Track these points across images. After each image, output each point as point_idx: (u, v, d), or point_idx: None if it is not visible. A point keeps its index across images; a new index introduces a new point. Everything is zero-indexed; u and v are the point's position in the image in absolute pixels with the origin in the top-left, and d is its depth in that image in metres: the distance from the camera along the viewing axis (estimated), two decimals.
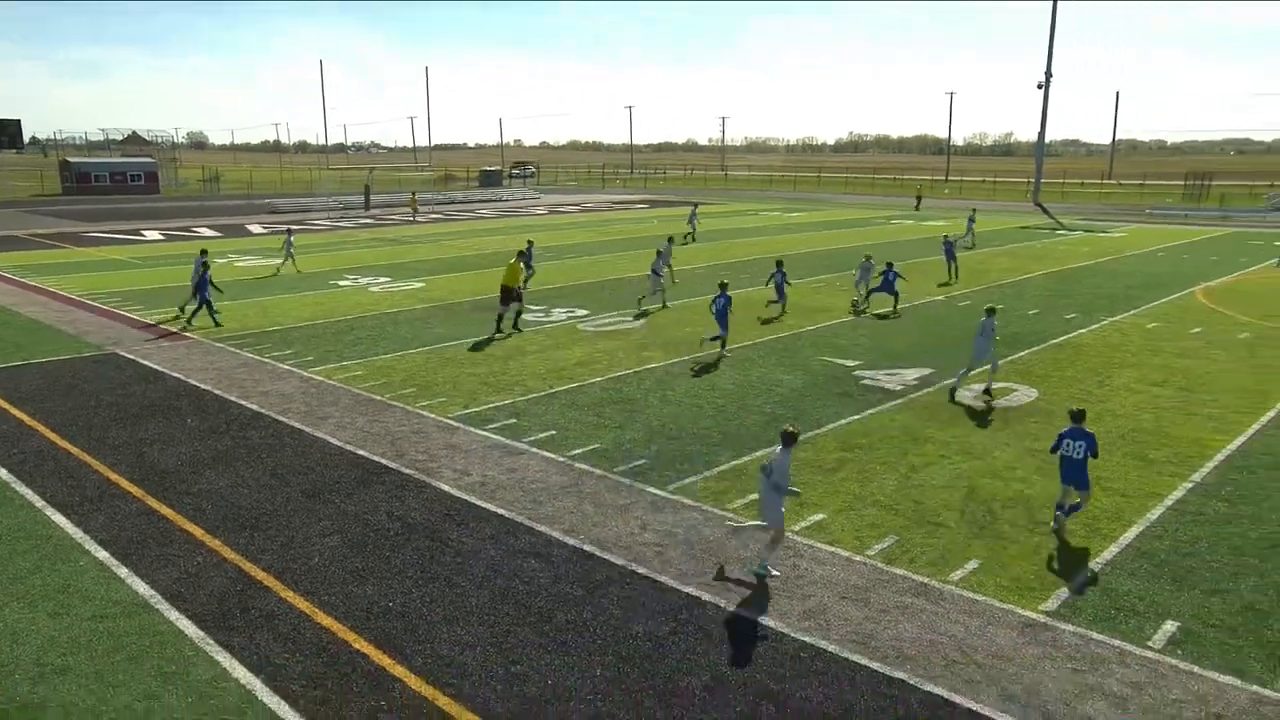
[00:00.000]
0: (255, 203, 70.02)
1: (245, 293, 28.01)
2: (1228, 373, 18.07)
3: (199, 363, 18.96)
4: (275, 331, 22.12)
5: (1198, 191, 77.37)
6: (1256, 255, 37.86)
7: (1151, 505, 11.48)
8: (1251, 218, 57.85)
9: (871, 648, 8.29)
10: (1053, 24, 68.56)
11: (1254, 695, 7.59)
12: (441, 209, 66.77)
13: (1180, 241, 43.85)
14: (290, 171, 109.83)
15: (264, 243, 43.10)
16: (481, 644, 8.35)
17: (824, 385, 17.06)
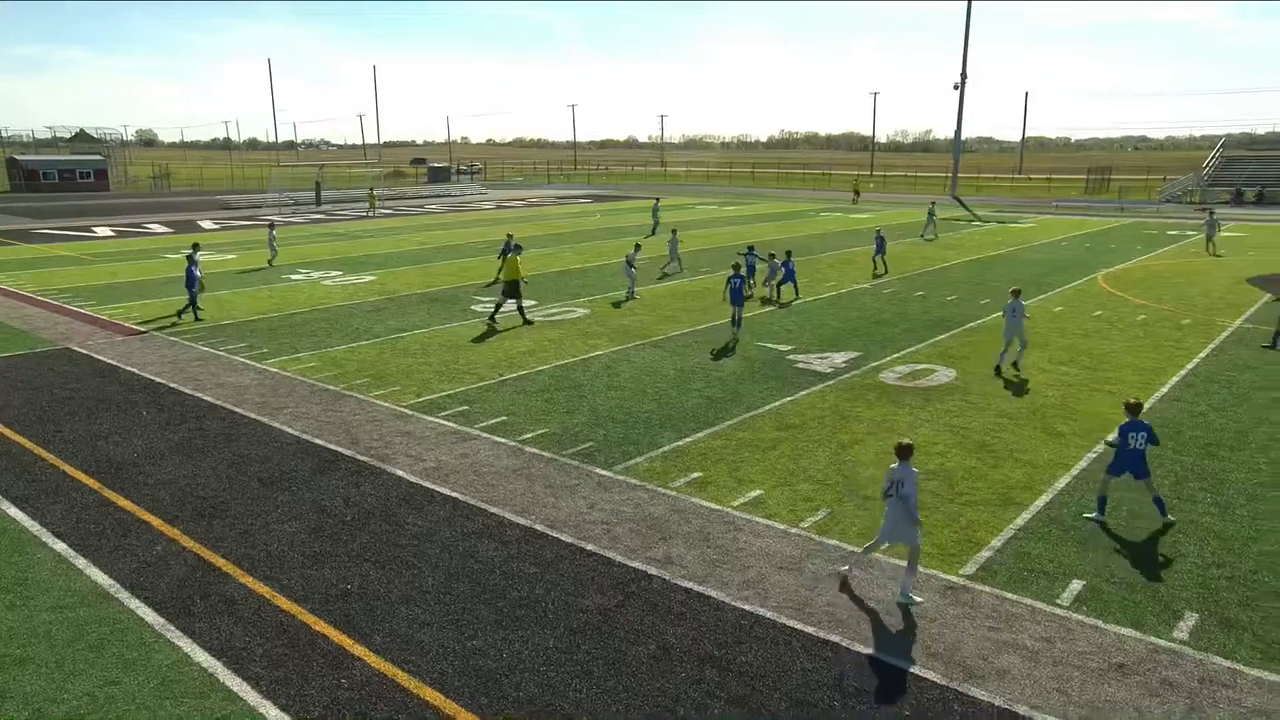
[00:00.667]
0: (207, 199, 68.00)
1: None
2: (1126, 351, 18.72)
3: (153, 357, 18.40)
4: (229, 325, 21.56)
5: (1098, 185, 79.77)
6: (1151, 244, 39.22)
7: (1059, 475, 11.86)
8: (1146, 209, 59.89)
9: (806, 613, 8.44)
10: (967, 28, 69.89)
11: (1150, 645, 7.92)
12: (392, 204, 65.64)
13: (1083, 231, 45.20)
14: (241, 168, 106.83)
15: (216, 238, 41.92)
16: (438, 622, 8.30)
17: (760, 370, 17.24)
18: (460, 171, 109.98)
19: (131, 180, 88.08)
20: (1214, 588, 8.91)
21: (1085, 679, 7.43)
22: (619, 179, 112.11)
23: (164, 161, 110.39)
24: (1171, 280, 28.52)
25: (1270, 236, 41.89)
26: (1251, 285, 27.51)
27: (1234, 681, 7.40)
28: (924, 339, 19.94)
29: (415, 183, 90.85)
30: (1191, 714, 6.99)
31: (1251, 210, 58.61)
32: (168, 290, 26.65)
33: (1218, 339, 19.89)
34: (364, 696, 7.21)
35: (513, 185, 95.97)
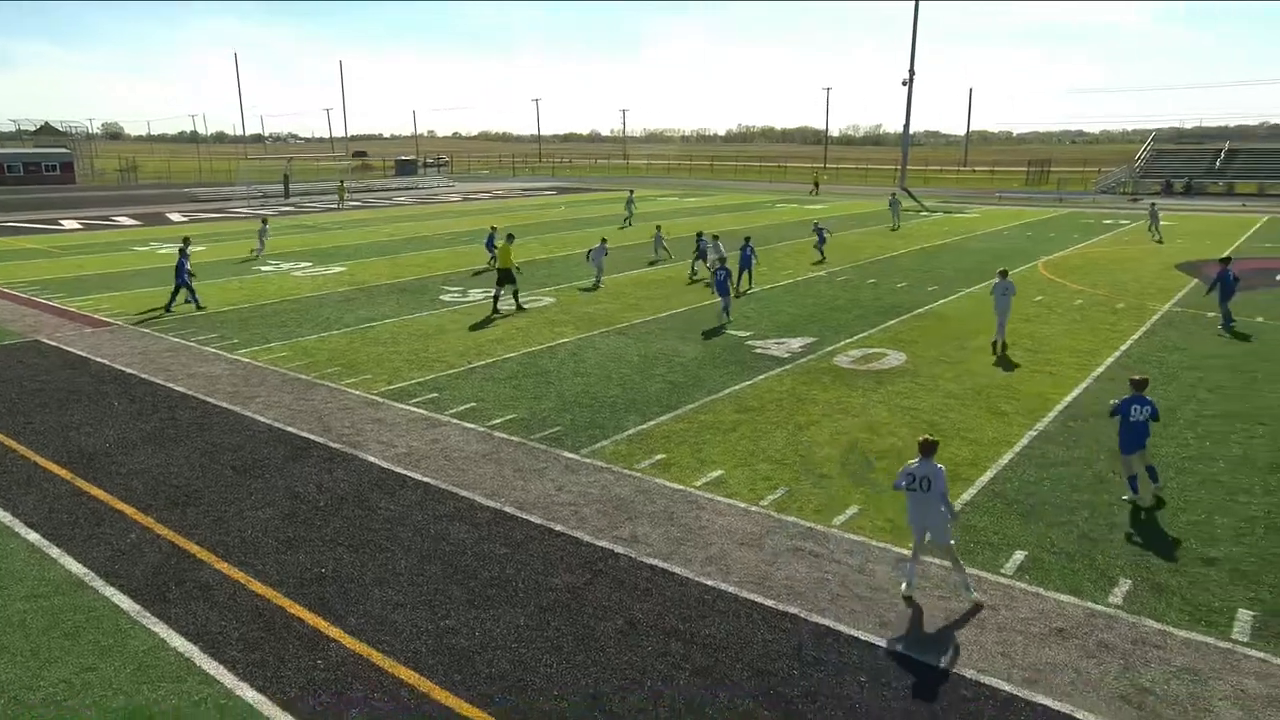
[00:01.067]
0: (174, 192, 66.39)
1: (168, 279, 26.58)
2: (1064, 335, 19.11)
3: (123, 348, 17.97)
4: (199, 316, 21.12)
5: (1038, 177, 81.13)
6: (1088, 232, 40.01)
7: (1003, 452, 12.10)
8: (1083, 200, 61.06)
9: (766, 587, 8.53)
10: (915, 26, 70.49)
11: (1088, 610, 8.14)
12: (360, 196, 64.66)
13: (1024, 221, 45.96)
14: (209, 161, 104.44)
15: (185, 231, 40.96)
16: (411, 603, 8.25)
17: (720, 355, 17.32)
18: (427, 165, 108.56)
19: (98, 173, 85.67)
20: (1146, 555, 9.17)
21: (1027, 643, 7.62)
22: (582, 172, 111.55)
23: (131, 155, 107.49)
24: (1106, 267, 29.14)
25: (1197, 225, 42.97)
26: (1180, 271, 28.22)
27: (1164, 642, 7.63)
28: (876, 324, 20.17)
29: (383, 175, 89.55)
30: (1125, 674, 7.20)
31: (1180, 200, 60.04)
32: (136, 282, 26.03)
33: (1149, 322, 20.39)
34: (340, 677, 7.15)
35: (479, 178, 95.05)
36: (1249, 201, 58.05)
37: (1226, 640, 7.65)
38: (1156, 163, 73.24)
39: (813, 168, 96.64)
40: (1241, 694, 6.94)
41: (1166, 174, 68.83)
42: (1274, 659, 7.38)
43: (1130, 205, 55.85)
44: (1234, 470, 11.42)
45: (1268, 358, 17.08)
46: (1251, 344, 18.23)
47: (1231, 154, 71.68)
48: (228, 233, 39.83)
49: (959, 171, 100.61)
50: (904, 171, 76.17)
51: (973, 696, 6.93)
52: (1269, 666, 7.29)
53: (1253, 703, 6.84)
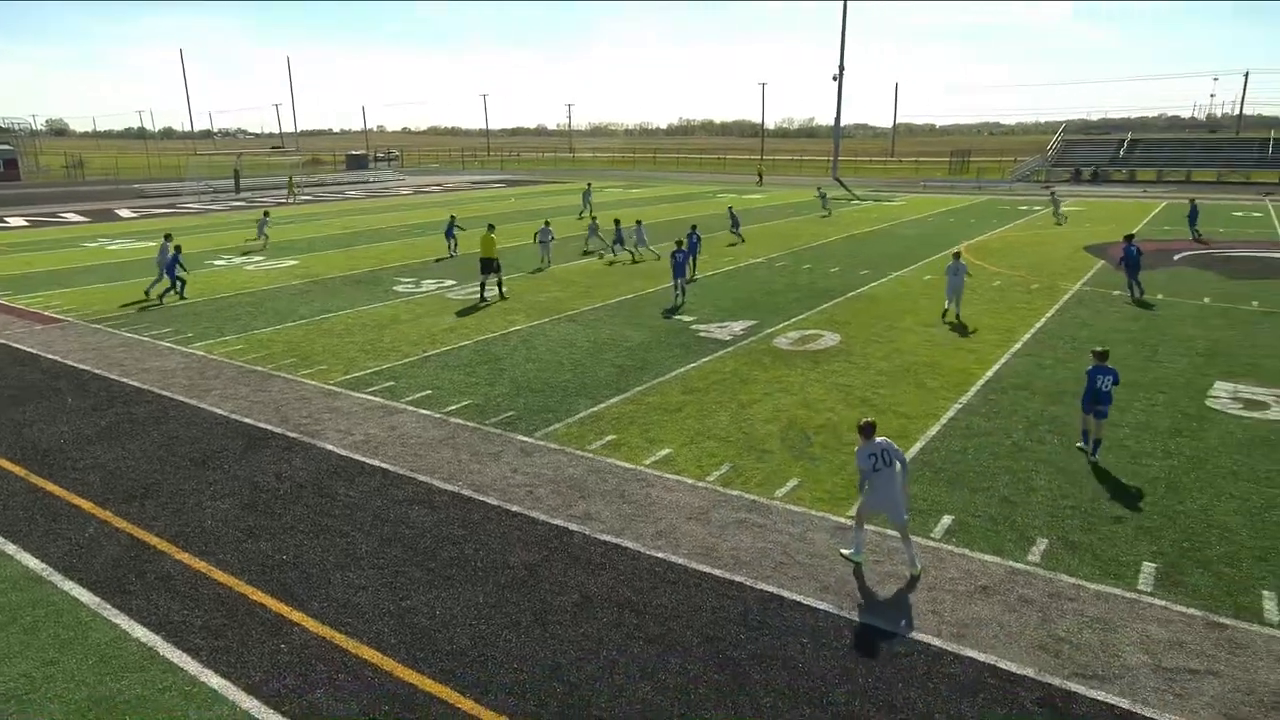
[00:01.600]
0: (123, 188, 63.84)
1: (120, 274, 25.63)
2: (985, 314, 19.61)
3: (75, 344, 17.28)
4: (152, 311, 20.40)
5: (960, 167, 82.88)
6: (1005, 218, 41.04)
7: (930, 424, 12.40)
8: (1000, 188, 62.61)
9: (714, 558, 8.63)
10: (844, 24, 71.27)
11: (1009, 568, 8.41)
12: (311, 191, 63.00)
13: (947, 208, 46.94)
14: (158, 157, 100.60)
15: (135, 227, 39.48)
16: (373, 585, 8.14)
17: (666, 339, 17.36)
18: (378, 159, 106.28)
19: (43, 170, 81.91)
20: (1061, 516, 9.50)
21: (955, 601, 7.84)
22: (531, 165, 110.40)
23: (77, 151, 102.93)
24: (1022, 250, 29.95)
25: (1104, 210, 44.41)
26: (1088, 253, 29.17)
27: (1078, 595, 7.93)
28: (812, 307, 20.44)
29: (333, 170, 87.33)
30: (1043, 625, 7.47)
31: (1088, 188, 61.97)
32: (86, 279, 25.01)
33: (1061, 300, 21.04)
34: (304, 659, 7.03)
35: (429, 171, 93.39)
36: (1149, 188, 60.20)
37: (1133, 591, 7.98)
38: (1066, 152, 75.42)
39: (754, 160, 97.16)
40: (1147, 639, 7.26)
41: (1076, 163, 70.95)
42: (1174, 606, 7.73)
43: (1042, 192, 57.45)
44: (1137, 436, 11.89)
45: (1166, 332, 17.79)
46: (1152, 319, 18.95)
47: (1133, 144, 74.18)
48: (179, 228, 38.47)
49: (886, 162, 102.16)
50: (836, 162, 77.08)
51: (906, 652, 7.12)
52: (1170, 613, 7.63)
53: (1156, 647, 7.16)
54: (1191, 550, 8.72)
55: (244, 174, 65.45)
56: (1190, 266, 26.15)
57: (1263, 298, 21.09)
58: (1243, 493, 10.04)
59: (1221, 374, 14.71)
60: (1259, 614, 7.61)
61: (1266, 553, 8.65)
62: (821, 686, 6.70)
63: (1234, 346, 16.52)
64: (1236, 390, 13.84)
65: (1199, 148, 72.96)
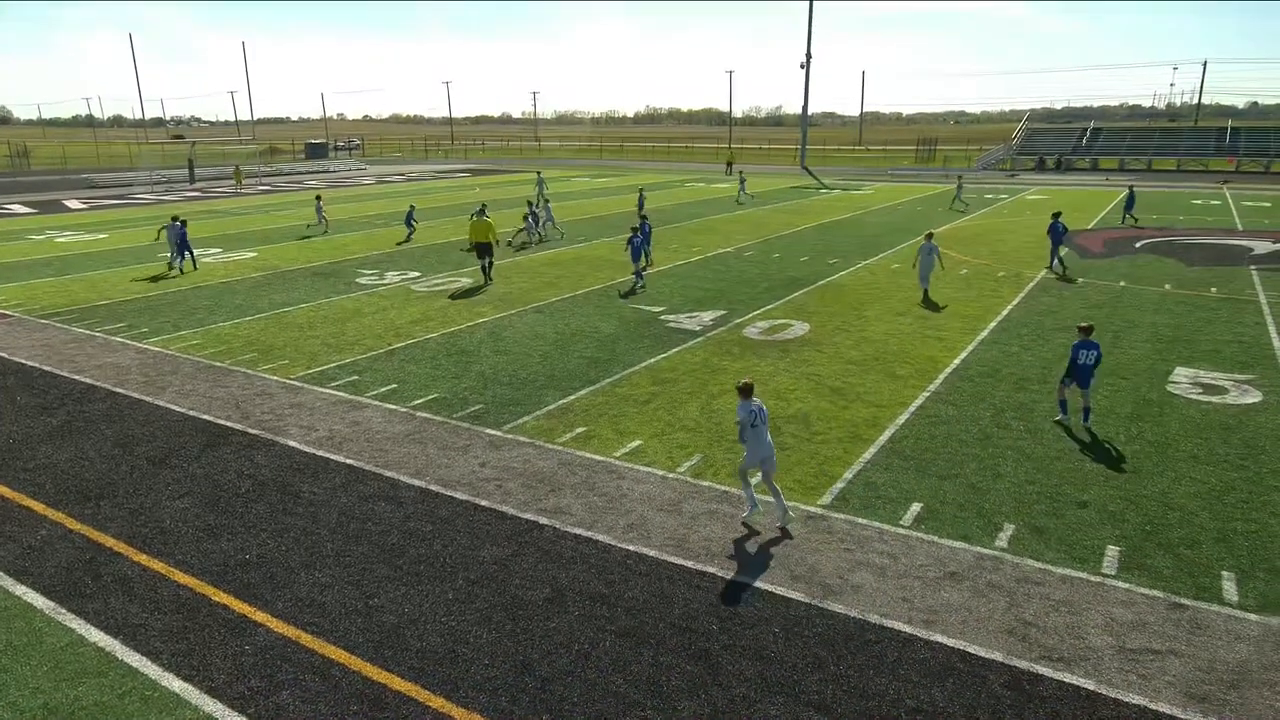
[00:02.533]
0: (71, 179, 62.14)
1: (70, 268, 24.98)
2: (953, 302, 19.89)
3: (24, 340, 16.82)
4: (104, 305, 19.93)
5: (926, 155, 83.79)
6: (972, 206, 41.59)
7: (899, 412, 12.56)
8: (967, 176, 63.41)
9: (685, 549, 8.67)
10: (810, 12, 71.48)
11: (977, 554, 8.57)
12: (270, 180, 61.88)
13: (914, 196, 47.46)
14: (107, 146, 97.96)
15: (85, 219, 38.48)
16: (339, 584, 8.06)
17: (635, 330, 17.37)
18: (339, 148, 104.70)
19: None
20: (1027, 501, 9.70)
21: (925, 588, 7.98)
22: (495, 154, 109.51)
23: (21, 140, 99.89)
24: (988, 238, 30.39)
25: (1068, 198, 45.20)
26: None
27: (1044, 579, 8.11)
28: (780, 297, 20.56)
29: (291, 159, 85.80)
30: (1011, 610, 7.63)
31: (1052, 176, 63.02)
32: (35, 272, 24.33)
33: (1027, 288, 21.40)
34: (268, 660, 6.95)
35: (392, 161, 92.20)
36: (1111, 176, 61.38)
37: (1097, 575, 8.18)
38: (1031, 141, 76.61)
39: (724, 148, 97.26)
40: (1111, 621, 7.45)
41: (1040, 151, 72.09)
42: (1137, 589, 7.94)
43: (1009, 181, 58.27)
44: (1101, 420, 12.15)
45: (1129, 319, 18.18)
46: (1115, 306, 19.36)
47: (1096, 133, 75.57)
48: (129, 220, 37.58)
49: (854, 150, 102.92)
50: (804, 150, 77.45)
51: (877, 639, 7.23)
52: (1133, 596, 7.83)
53: (1121, 629, 7.35)
54: (1153, 533, 8.96)
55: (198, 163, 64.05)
56: (1152, 254, 26.74)
57: (1221, 284, 21.65)
58: (1202, 475, 10.33)
59: (1182, 360, 15.09)
60: (1218, 594, 7.84)
61: (1225, 534, 8.91)
62: (793, 675, 6.78)
63: (1194, 333, 16.94)
64: (1197, 375, 14.20)
65: (1160, 136, 74.56)
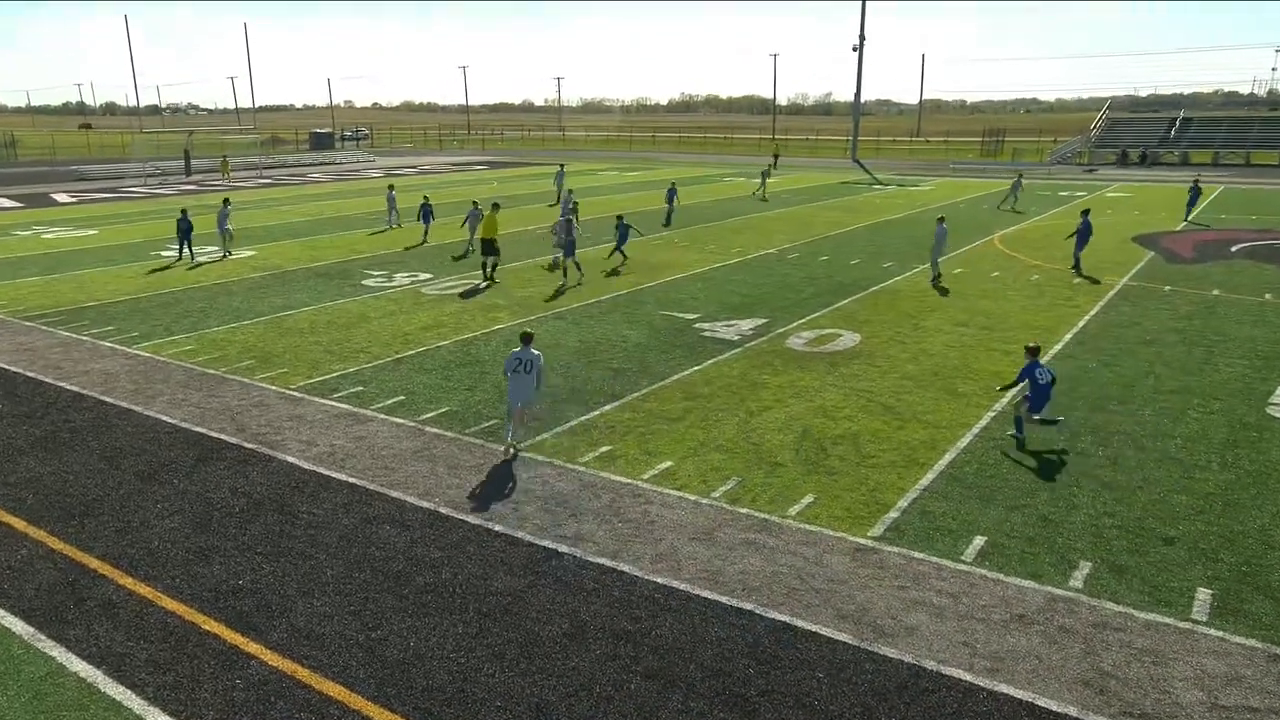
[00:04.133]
0: (60, 170, 63.76)
1: (57, 266, 25.60)
2: (1022, 311, 19.66)
3: (6, 344, 17.25)
4: (93, 307, 20.38)
5: (993, 148, 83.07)
6: (1044, 205, 41.15)
7: (961, 434, 12.42)
8: (1038, 171, 62.75)
9: (720, 583, 8.63)
10: None
11: (1048, 594, 8.42)
12: (271, 173, 62.99)
13: (979, 194, 47.05)
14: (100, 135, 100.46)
15: (74, 213, 39.43)
16: (339, 614, 8.13)
17: (666, 339, 17.38)
18: (345, 137, 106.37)
19: None
20: (1106, 536, 9.52)
21: (989, 631, 7.85)
22: (515, 144, 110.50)
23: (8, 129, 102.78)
24: (1062, 240, 30.00)
25: (1154, 196, 44.52)
26: (1137, 244, 29.23)
27: (1125, 625, 7.95)
28: (828, 304, 20.47)
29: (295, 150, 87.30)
30: (1087, 658, 7.48)
31: (1136, 171, 62.13)
32: (20, 270, 24.96)
33: (1106, 297, 21.09)
34: (261, 696, 7.02)
35: (402, 152, 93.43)
36: (1204, 171, 60.37)
37: (1186, 620, 8.00)
38: (1112, 132, 75.64)
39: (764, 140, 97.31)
40: (1201, 674, 7.28)
41: (1121, 144, 71.14)
42: (1232, 638, 7.75)
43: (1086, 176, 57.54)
44: (1191, 446, 11.91)
45: (1223, 332, 17.83)
46: (1208, 318, 19.00)
47: (1186, 123, 74.41)
48: (122, 214, 38.45)
49: (911, 142, 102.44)
50: (855, 142, 77.23)
51: (934, 688, 7.13)
52: (1227, 645, 7.65)
53: (1213, 682, 7.17)
54: (1251, 575, 8.74)
55: (195, 154, 65.41)
56: (1249, 260, 26.23)
57: None
58: None
59: None
60: None
61: None
62: None
63: None
64: None
65: (1260, 126, 73.20)
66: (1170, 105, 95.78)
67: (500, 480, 10.92)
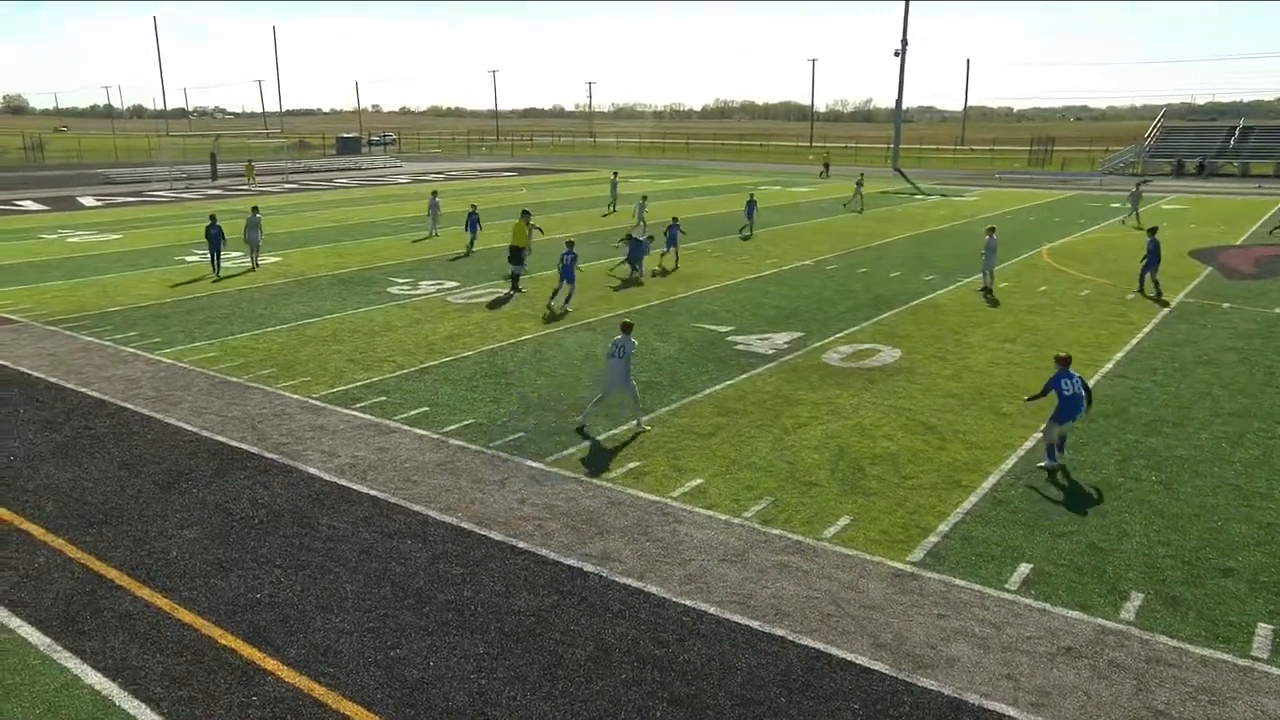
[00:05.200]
0: (86, 173, 65.17)
1: (81, 270, 26.13)
2: (1071, 328, 19.39)
3: (29, 349, 17.61)
4: (116, 312, 20.76)
5: (1042, 157, 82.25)
6: (1094, 216, 40.65)
7: (1006, 455, 12.25)
8: (1088, 181, 62.03)
9: (751, 607, 8.56)
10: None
11: (1098, 627, 8.26)
12: (297, 178, 63.92)
13: (1027, 204, 46.59)
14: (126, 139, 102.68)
15: (99, 217, 40.26)
16: (358, 630, 8.17)
17: (698, 352, 17.35)
18: (372, 142, 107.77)
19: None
20: (1159, 566, 9.33)
21: (1034, 664, 7.71)
22: (545, 150, 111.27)
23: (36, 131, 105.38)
24: (1114, 254, 29.59)
25: (1212, 209, 43.81)
26: (1193, 259, 28.74)
27: (1180, 661, 7.77)
28: (867, 318, 20.33)
29: (322, 155, 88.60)
30: (1139, 695, 7.32)
31: (1193, 182, 61.19)
32: (45, 274, 25.51)
33: (1160, 313, 20.74)
34: (277, 714, 7.06)
35: (430, 157, 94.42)
36: (1265, 183, 59.30)
37: (1245, 657, 7.80)
38: (1167, 141, 74.58)
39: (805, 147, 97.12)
40: (1262, 715, 7.08)
41: (1178, 154, 70.10)
42: None
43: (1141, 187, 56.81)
44: (1251, 473, 11.65)
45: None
46: (1269, 336, 18.62)
47: (1246, 132, 73.19)
48: (146, 219, 39.20)
49: (956, 150, 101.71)
50: (896, 150, 76.83)
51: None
52: None
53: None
54: None
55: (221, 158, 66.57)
56: None
57: None
58: None
59: None
60: None
61: None
62: None
63: None
64: None
65: None
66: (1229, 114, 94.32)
67: (525, 495, 10.94)
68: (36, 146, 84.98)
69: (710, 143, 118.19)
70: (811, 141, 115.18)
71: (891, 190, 55.13)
